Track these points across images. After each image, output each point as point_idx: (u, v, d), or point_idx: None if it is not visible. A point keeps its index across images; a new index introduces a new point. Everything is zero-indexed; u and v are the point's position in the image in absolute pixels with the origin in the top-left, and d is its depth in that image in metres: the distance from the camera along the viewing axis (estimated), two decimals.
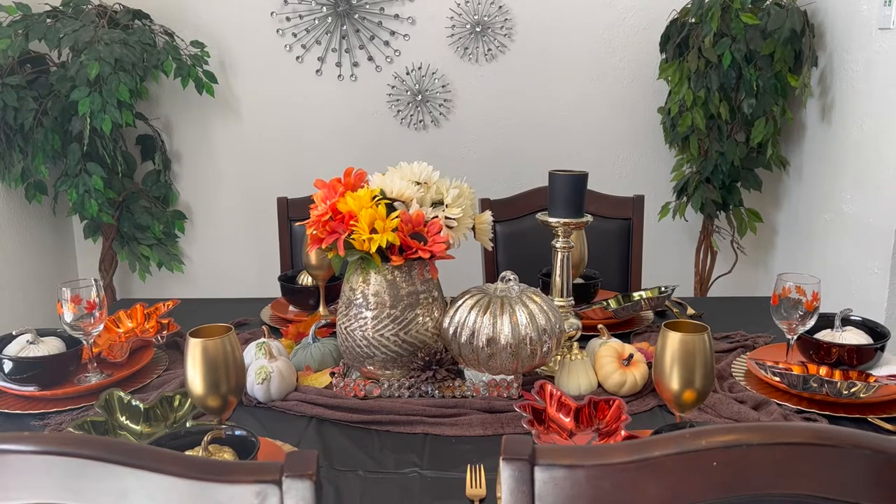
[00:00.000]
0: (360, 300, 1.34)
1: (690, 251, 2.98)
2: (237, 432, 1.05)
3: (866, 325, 1.46)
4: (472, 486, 1.07)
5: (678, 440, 0.66)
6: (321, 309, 1.76)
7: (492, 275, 2.13)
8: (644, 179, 2.97)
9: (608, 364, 1.35)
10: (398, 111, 2.97)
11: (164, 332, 1.58)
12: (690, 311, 1.83)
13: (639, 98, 2.92)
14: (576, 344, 1.38)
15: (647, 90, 2.91)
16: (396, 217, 1.29)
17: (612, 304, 1.78)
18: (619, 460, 0.66)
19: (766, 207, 2.92)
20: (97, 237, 2.98)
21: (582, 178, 1.39)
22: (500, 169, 2.98)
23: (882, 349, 1.38)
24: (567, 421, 1.17)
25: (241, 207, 3.10)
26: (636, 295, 1.79)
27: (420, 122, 2.98)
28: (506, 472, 0.68)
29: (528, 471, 0.67)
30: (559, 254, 1.43)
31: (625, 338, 1.64)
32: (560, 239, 1.42)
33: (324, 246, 1.32)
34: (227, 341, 1.05)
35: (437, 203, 1.36)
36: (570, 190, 1.38)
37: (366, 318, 1.33)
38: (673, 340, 1.04)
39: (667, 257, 3.01)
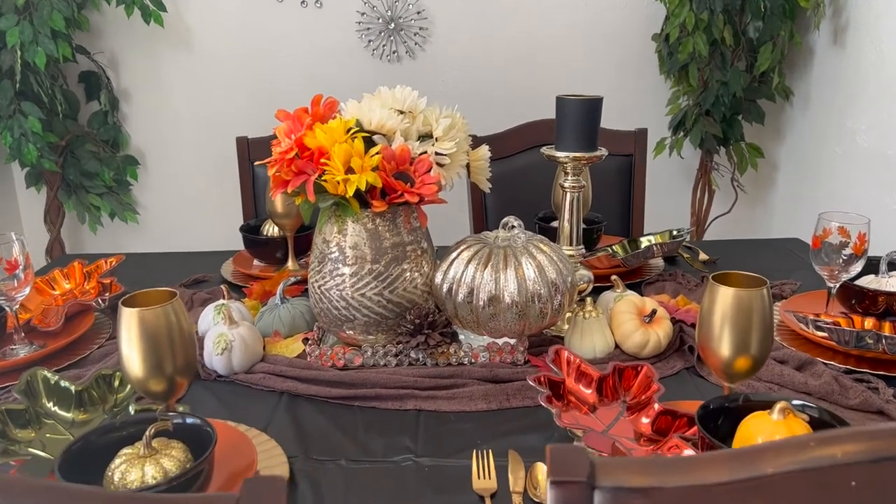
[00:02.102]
0: (336, 254, 1.12)
1: (686, 190, 2.80)
2: (189, 420, 0.85)
3: None
4: (479, 478, 0.88)
5: (798, 451, 0.46)
6: (290, 263, 1.55)
7: (480, 222, 1.92)
8: (637, 114, 2.76)
9: (627, 322, 1.16)
10: (369, 41, 2.70)
11: (107, 294, 1.35)
12: (703, 256, 1.65)
13: (632, 24, 2.68)
14: (588, 299, 1.19)
15: (641, 14, 2.66)
16: (377, 153, 1.07)
17: (619, 250, 1.59)
18: (718, 480, 0.47)
19: (766, 141, 2.73)
20: (41, 186, 2.71)
21: (596, 103, 1.17)
22: (482, 104, 2.74)
23: None
24: (589, 393, 0.98)
25: (199, 150, 2.83)
26: (645, 240, 1.60)
27: (393, 53, 2.71)
28: (555, 498, 0.48)
29: (586, 496, 0.48)
30: (568, 195, 1.22)
31: (634, 289, 1.45)
32: (569, 177, 1.21)
33: (290, 190, 1.09)
34: (170, 310, 0.84)
35: (425, 136, 1.14)
36: (583, 118, 1.17)
37: (343, 274, 1.12)
38: (725, 297, 0.85)
39: (661, 197, 2.82)
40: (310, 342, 1.16)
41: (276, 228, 1.58)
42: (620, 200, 1.97)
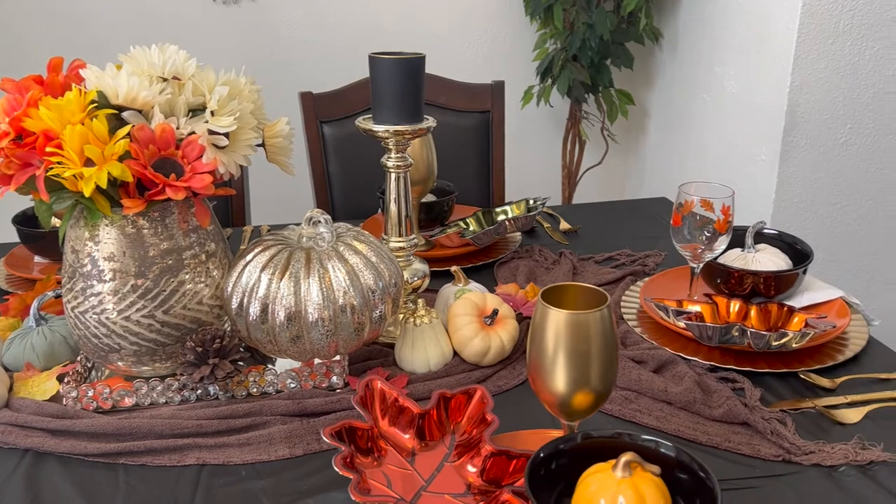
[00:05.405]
0: (89, 268, 0.87)
1: (556, 142, 2.64)
2: None
3: (783, 241, 1.17)
4: None
5: None
6: None
7: (323, 195, 1.69)
8: (503, 61, 2.56)
9: (466, 326, 0.98)
10: None
11: None
12: (564, 224, 1.49)
13: None
14: (421, 301, 0.99)
15: None
16: (126, 136, 0.81)
17: (472, 224, 1.41)
18: None
19: (636, 88, 2.61)
20: None
21: (416, 62, 0.95)
22: (335, 55, 2.46)
23: (804, 272, 1.10)
24: (407, 438, 0.79)
25: None
26: (500, 212, 1.42)
27: None
28: None
29: None
30: (392, 175, 1.01)
31: (487, 269, 1.28)
32: (392, 155, 1.00)
33: (13, 187, 0.83)
34: None
35: (200, 109, 0.89)
36: (402, 82, 0.94)
37: (100, 294, 0.87)
38: (556, 322, 0.67)
39: (530, 151, 2.66)
40: (67, 378, 0.91)
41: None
42: (480, 162, 1.78)
